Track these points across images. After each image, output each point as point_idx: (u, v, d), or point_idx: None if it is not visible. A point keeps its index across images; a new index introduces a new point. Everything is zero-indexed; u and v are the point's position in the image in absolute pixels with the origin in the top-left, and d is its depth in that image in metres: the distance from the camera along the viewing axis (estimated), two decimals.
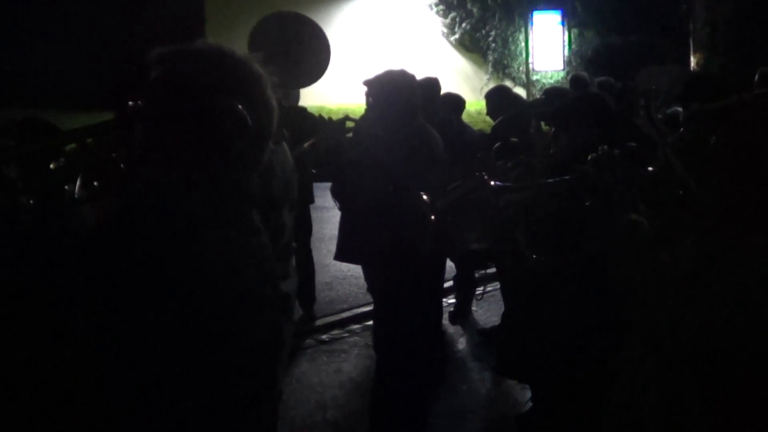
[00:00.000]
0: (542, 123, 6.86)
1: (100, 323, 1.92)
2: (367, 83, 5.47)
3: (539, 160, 4.32)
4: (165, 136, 2.00)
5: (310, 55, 7.22)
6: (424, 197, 3.66)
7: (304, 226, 8.02)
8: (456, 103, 8.12)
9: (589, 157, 2.93)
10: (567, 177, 3.07)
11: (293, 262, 5.18)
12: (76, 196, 2.40)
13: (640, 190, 2.85)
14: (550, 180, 3.25)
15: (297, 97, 7.91)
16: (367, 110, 5.74)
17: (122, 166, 2.32)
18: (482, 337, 7.46)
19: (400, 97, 5.27)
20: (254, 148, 2.09)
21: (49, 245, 2.16)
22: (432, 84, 7.05)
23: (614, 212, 2.76)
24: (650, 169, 2.94)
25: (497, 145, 4.98)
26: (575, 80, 11.44)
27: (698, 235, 2.55)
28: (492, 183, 3.23)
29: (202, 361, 1.92)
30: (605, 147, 2.91)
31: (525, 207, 3.30)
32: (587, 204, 2.86)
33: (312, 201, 8.07)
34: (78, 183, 2.41)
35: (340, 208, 7.03)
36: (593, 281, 3.33)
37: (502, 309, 7.11)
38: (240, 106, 1.97)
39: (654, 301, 2.50)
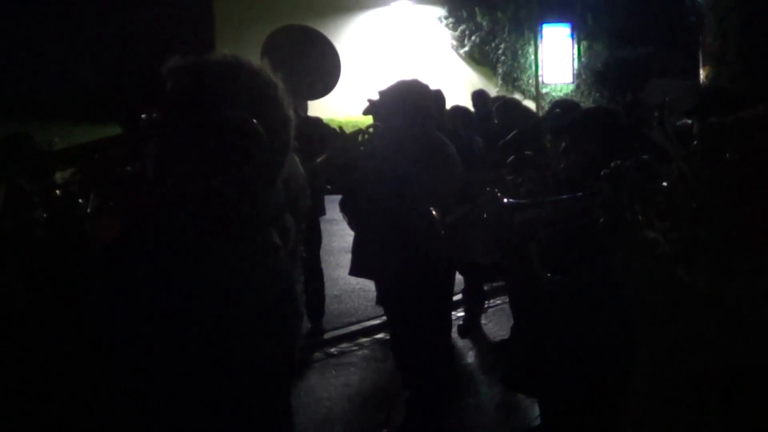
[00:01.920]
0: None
1: (115, 337, 1.90)
2: (380, 94, 5.44)
3: (551, 175, 4.29)
4: (180, 150, 1.97)
5: (321, 69, 7.22)
6: (434, 212, 3.64)
7: (315, 238, 8.00)
8: (464, 115, 8.12)
9: (603, 173, 2.90)
10: (580, 194, 3.04)
11: (300, 267, 5.16)
12: (89, 209, 2.38)
13: (655, 205, 2.82)
14: (563, 197, 3.22)
15: (305, 109, 7.90)
16: (380, 122, 5.72)
17: (135, 179, 2.30)
18: (492, 351, 7.42)
19: (413, 107, 5.23)
20: (271, 161, 2.05)
21: (62, 258, 2.14)
22: (437, 95, 7.04)
23: (629, 229, 2.72)
24: (664, 183, 2.90)
25: (511, 158, 4.95)
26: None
27: (715, 250, 2.51)
28: (505, 200, 3.20)
29: (218, 378, 1.90)
30: (618, 162, 2.88)
31: (537, 224, 3.27)
32: (601, 221, 2.82)
33: (323, 213, 8.06)
34: (91, 197, 2.39)
35: (349, 223, 7.03)
36: (606, 299, 3.30)
37: (511, 322, 7.08)
38: (255, 120, 1.93)
39: (670, 319, 2.47)
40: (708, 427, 2.41)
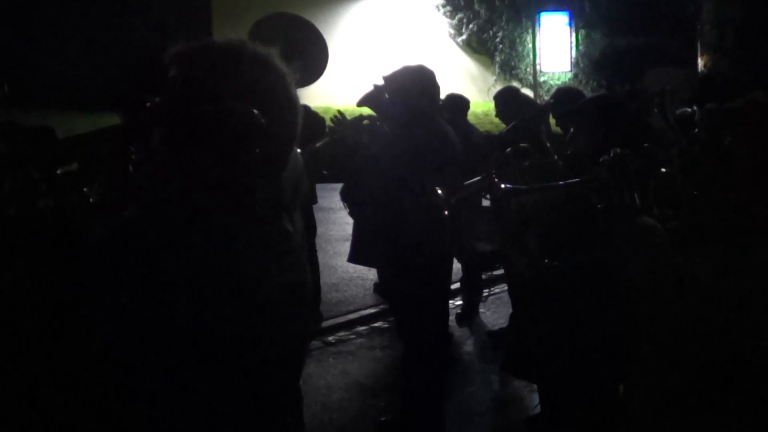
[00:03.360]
0: (552, 124, 6.80)
1: (121, 327, 1.88)
2: (384, 79, 5.40)
3: (558, 160, 4.27)
4: (183, 139, 1.94)
5: (307, 57, 7.18)
6: (439, 192, 3.64)
7: (308, 227, 7.98)
8: (460, 103, 8.09)
9: (601, 159, 2.89)
10: (578, 179, 3.03)
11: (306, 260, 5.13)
12: (91, 200, 2.36)
13: (654, 192, 2.81)
14: (561, 182, 3.21)
15: None
16: (384, 107, 5.68)
17: (138, 168, 2.27)
18: (490, 339, 7.41)
19: (419, 93, 5.21)
20: (278, 147, 2.02)
21: (66, 247, 2.12)
22: None
23: (627, 215, 2.71)
24: (663, 170, 2.89)
25: (508, 150, 4.94)
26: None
27: (714, 238, 2.50)
28: (502, 185, 3.19)
29: (228, 367, 1.88)
30: (617, 149, 2.87)
31: (536, 209, 3.25)
32: (599, 206, 2.81)
33: (315, 201, 8.03)
34: (95, 185, 2.38)
35: (350, 213, 7.00)
36: (604, 285, 3.29)
37: (510, 311, 7.08)
38: (255, 110, 1.90)
39: (667, 307, 2.46)
40: (707, 415, 2.41)
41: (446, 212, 3.62)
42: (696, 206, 2.67)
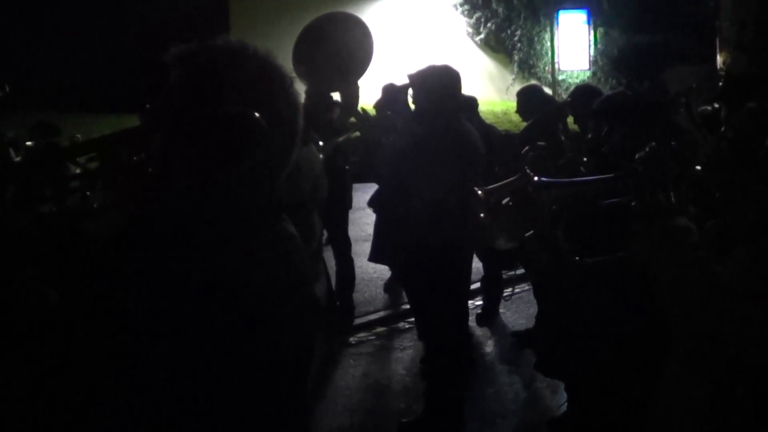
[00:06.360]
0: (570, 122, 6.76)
1: (124, 331, 1.86)
2: (409, 77, 5.41)
3: (588, 159, 4.23)
4: (183, 142, 1.93)
5: (355, 48, 7.19)
6: (479, 193, 3.61)
7: (342, 233, 8.03)
8: (468, 103, 8.06)
9: (637, 156, 2.83)
10: (613, 174, 2.98)
11: (323, 264, 5.15)
12: (95, 205, 2.34)
13: (688, 191, 2.74)
14: (595, 177, 3.17)
15: (357, 94, 7.78)
16: (400, 109, 5.70)
17: (146, 172, 2.26)
18: (516, 339, 7.36)
19: (443, 94, 5.21)
20: (279, 150, 2.01)
21: (69, 252, 2.10)
22: None
23: (661, 215, 2.64)
24: (698, 167, 2.82)
25: (526, 149, 4.92)
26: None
27: (749, 241, 2.44)
28: (536, 178, 3.16)
29: (232, 370, 1.86)
30: (654, 144, 2.81)
31: (566, 204, 3.21)
32: (633, 204, 2.75)
33: (350, 206, 8.05)
34: (98, 189, 2.36)
35: (376, 212, 7.02)
36: (633, 285, 3.23)
37: (530, 310, 7.05)
38: (256, 114, 1.88)
39: (701, 311, 2.40)
40: (736, 421, 2.36)
41: (482, 215, 3.57)
42: (729, 206, 2.60)
